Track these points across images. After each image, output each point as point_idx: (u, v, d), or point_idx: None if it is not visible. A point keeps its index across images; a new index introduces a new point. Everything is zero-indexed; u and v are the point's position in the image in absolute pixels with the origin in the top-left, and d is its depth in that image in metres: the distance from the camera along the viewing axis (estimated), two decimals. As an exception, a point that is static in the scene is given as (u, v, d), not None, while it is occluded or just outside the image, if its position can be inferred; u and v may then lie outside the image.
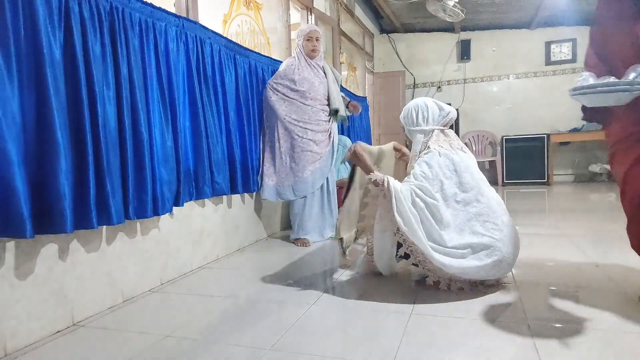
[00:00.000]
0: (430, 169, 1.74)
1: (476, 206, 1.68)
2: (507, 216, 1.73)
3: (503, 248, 1.62)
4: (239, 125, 2.60)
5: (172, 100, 1.99)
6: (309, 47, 2.78)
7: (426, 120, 1.87)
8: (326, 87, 2.82)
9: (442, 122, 1.88)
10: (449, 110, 1.89)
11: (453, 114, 1.90)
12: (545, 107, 6.30)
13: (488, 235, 1.63)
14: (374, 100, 6.48)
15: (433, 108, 1.89)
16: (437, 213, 1.67)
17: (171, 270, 2.06)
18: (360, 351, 1.25)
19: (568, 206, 4.15)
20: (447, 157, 1.76)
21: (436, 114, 1.88)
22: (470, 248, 1.62)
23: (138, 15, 1.80)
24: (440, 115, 1.88)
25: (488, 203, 1.70)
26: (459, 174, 1.73)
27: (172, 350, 1.32)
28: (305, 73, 2.76)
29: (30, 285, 1.39)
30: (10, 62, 1.28)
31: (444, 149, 1.79)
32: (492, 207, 1.69)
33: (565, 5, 5.34)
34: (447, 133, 1.89)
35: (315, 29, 2.83)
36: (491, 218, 1.66)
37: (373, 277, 1.96)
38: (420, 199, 1.67)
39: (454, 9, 4.75)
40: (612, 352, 1.20)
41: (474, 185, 1.72)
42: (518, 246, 1.73)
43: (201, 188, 2.21)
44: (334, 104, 2.82)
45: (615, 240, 2.59)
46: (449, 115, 1.88)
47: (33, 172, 1.36)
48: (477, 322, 1.43)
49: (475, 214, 1.67)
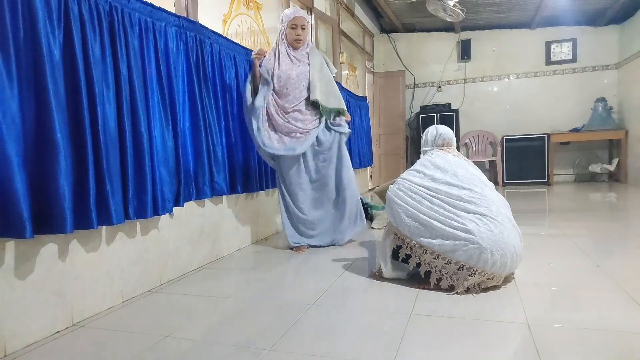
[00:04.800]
0: (416, 169, 1.94)
1: (466, 194, 1.78)
2: (503, 214, 1.78)
3: (483, 232, 1.66)
4: (239, 125, 2.60)
5: (172, 101, 1.99)
6: (293, 36, 2.47)
7: (426, 143, 2.10)
8: (307, 77, 2.49)
9: (437, 143, 2.06)
10: (442, 132, 2.06)
11: (446, 135, 2.05)
12: (546, 107, 6.30)
13: (470, 220, 1.70)
14: (374, 100, 6.48)
15: (432, 132, 2.09)
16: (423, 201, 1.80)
17: (171, 270, 2.06)
18: (360, 351, 1.25)
19: (568, 206, 4.15)
20: (434, 157, 1.95)
21: (433, 136, 2.08)
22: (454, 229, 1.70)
23: (138, 15, 1.80)
24: (435, 137, 2.07)
25: (482, 192, 1.80)
26: (452, 167, 1.88)
27: (172, 351, 1.32)
28: (283, 65, 2.46)
29: (30, 285, 1.39)
30: (9, 63, 1.28)
31: (434, 156, 1.98)
32: (486, 196, 1.79)
33: (566, 5, 5.34)
34: (447, 150, 2.02)
35: (300, 15, 2.49)
36: (480, 209, 1.73)
37: (373, 277, 1.96)
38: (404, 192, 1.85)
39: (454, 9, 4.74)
40: (612, 352, 1.20)
41: (467, 176, 1.84)
42: (512, 244, 1.71)
43: (201, 188, 2.21)
44: (314, 94, 2.47)
45: (615, 240, 2.59)
46: (441, 137, 2.05)
47: (33, 172, 1.36)
48: (477, 322, 1.42)
49: (466, 201, 1.76)
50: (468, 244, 1.65)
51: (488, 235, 1.66)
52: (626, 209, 3.84)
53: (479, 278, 1.67)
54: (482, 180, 1.88)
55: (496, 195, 1.87)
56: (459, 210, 1.74)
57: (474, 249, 1.65)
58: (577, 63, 6.15)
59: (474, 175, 1.87)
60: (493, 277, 1.69)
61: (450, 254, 1.69)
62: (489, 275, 1.68)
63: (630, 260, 2.12)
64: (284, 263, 2.33)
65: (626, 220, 3.27)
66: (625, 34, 5.81)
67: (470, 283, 1.68)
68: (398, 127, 6.55)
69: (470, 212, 1.72)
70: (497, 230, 1.68)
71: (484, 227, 1.68)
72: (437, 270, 1.72)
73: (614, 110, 5.93)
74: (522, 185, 6.11)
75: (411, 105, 6.89)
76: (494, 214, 1.72)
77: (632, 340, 1.26)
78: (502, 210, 1.79)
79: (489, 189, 1.86)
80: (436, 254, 1.71)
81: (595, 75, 6.11)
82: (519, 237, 1.79)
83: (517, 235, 1.78)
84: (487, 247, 1.64)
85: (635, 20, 5.54)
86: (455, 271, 1.69)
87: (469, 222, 1.69)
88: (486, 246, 1.64)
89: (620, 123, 5.87)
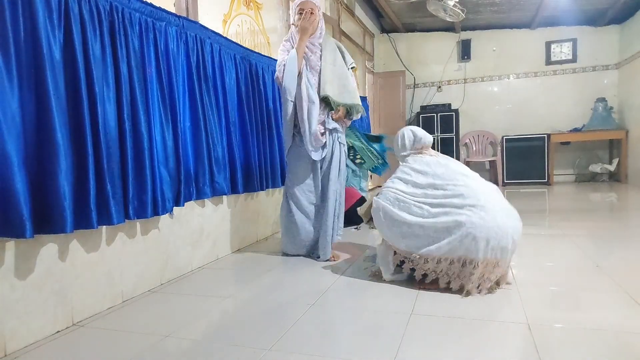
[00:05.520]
0: (398, 177, 1.94)
1: (451, 189, 1.79)
2: (493, 197, 1.79)
3: (475, 221, 1.67)
4: (239, 125, 2.60)
5: (172, 100, 1.99)
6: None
7: (404, 147, 2.07)
8: (318, 71, 2.29)
9: (415, 147, 2.05)
10: (420, 136, 2.04)
11: (424, 139, 2.04)
12: (546, 107, 6.29)
13: (460, 214, 1.71)
14: (374, 100, 6.47)
15: (408, 136, 2.07)
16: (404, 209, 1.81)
17: (171, 270, 2.06)
18: (361, 351, 1.25)
19: (568, 206, 4.15)
20: (414, 164, 1.96)
21: (410, 141, 2.06)
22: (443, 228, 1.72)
23: (138, 15, 1.80)
24: (413, 141, 2.05)
25: (465, 184, 1.80)
26: (432, 168, 1.89)
27: (172, 351, 1.32)
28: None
29: (30, 285, 1.39)
30: (10, 63, 1.28)
31: (413, 162, 1.98)
32: (471, 187, 1.79)
33: (566, 5, 5.34)
34: (424, 152, 2.03)
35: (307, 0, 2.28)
36: (468, 201, 1.73)
37: (373, 277, 1.96)
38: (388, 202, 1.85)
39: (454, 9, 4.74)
40: (612, 352, 1.20)
41: (448, 173, 1.85)
42: (508, 226, 1.71)
43: (201, 188, 2.21)
44: (324, 89, 2.25)
45: (615, 240, 2.59)
46: (420, 141, 2.04)
47: (33, 172, 1.36)
48: (477, 322, 1.42)
49: (452, 196, 1.77)
50: (463, 237, 1.66)
51: (480, 224, 1.66)
52: (626, 209, 3.84)
53: (485, 269, 1.66)
54: (463, 172, 1.88)
55: (482, 183, 1.87)
56: (448, 207, 1.74)
57: (470, 240, 1.65)
58: (577, 63, 6.15)
59: (455, 171, 1.87)
60: (498, 263, 1.67)
61: (449, 254, 1.69)
62: (493, 262, 1.66)
63: (630, 260, 2.12)
64: (284, 263, 2.32)
65: (626, 220, 3.27)
66: (626, 34, 5.81)
67: (477, 277, 1.66)
68: (398, 127, 6.41)
69: (459, 206, 1.73)
70: (490, 217, 1.68)
71: (476, 216, 1.68)
72: (444, 274, 1.72)
73: (614, 110, 5.92)
74: (522, 185, 6.11)
75: (411, 105, 6.89)
76: (483, 202, 1.72)
77: (632, 340, 1.26)
78: (491, 196, 1.79)
79: (472, 179, 1.86)
80: (437, 259, 1.71)
81: (595, 75, 6.11)
82: (515, 218, 1.78)
83: (513, 216, 1.78)
84: (482, 235, 1.65)
85: (635, 20, 5.54)
86: (460, 269, 1.69)
87: (459, 216, 1.69)
88: (480, 234, 1.65)
89: (621, 123, 5.87)
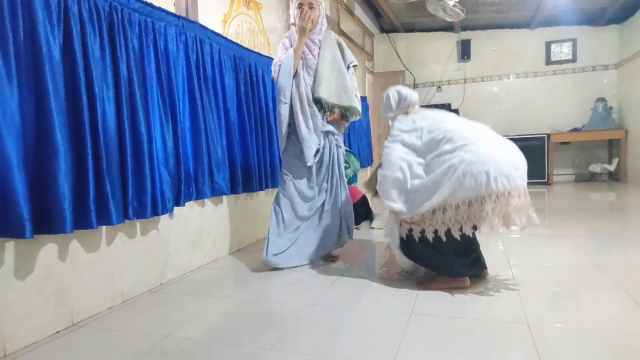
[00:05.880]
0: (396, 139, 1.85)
1: (440, 138, 1.74)
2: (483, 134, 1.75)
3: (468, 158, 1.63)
4: (239, 125, 2.60)
5: (172, 100, 1.99)
6: (300, 17, 2.16)
7: (390, 109, 1.99)
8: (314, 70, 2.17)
9: (401, 107, 1.96)
10: (406, 95, 1.96)
11: (410, 98, 1.95)
12: (546, 107, 6.29)
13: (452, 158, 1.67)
14: (374, 100, 6.47)
15: (394, 96, 1.98)
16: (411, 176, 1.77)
17: (171, 271, 2.06)
18: (360, 351, 1.25)
19: (568, 206, 4.15)
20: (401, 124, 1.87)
21: (396, 101, 1.97)
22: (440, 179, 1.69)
23: (137, 15, 1.80)
24: (399, 102, 1.97)
25: (452, 129, 1.75)
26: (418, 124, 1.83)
27: (172, 351, 1.32)
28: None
29: (30, 286, 1.39)
30: (9, 63, 1.28)
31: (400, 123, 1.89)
32: (458, 129, 1.75)
33: (566, 5, 5.34)
34: (411, 111, 1.94)
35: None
36: (458, 143, 1.69)
37: (373, 278, 1.96)
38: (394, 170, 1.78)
39: (454, 9, 4.74)
40: (612, 352, 1.20)
41: (435, 124, 1.80)
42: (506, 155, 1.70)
43: (201, 188, 2.21)
44: (317, 90, 2.13)
45: (615, 240, 2.59)
46: (406, 100, 1.95)
47: (32, 172, 1.36)
48: (477, 322, 1.42)
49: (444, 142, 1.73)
50: (461, 177, 1.62)
51: (474, 159, 1.62)
52: (626, 208, 3.84)
53: (496, 203, 1.60)
54: (448, 118, 1.85)
55: (470, 123, 1.83)
56: (442, 156, 1.70)
57: (469, 178, 1.61)
58: (577, 63, 6.15)
59: (441, 120, 1.82)
60: (510, 193, 1.62)
61: (452, 199, 1.64)
62: (503, 193, 1.61)
63: (630, 260, 2.12)
64: (284, 263, 2.32)
65: (626, 220, 3.26)
66: (625, 33, 5.81)
67: (490, 212, 1.60)
68: (398, 127, 6.53)
69: (451, 151, 1.69)
70: (483, 150, 1.65)
71: (468, 154, 1.64)
72: (453, 221, 1.65)
73: (614, 110, 5.92)
74: (522, 185, 6.11)
75: (411, 105, 6.88)
76: (473, 139, 1.69)
77: (632, 340, 1.26)
78: (480, 133, 1.76)
79: (459, 122, 1.83)
80: (442, 208, 1.66)
81: (595, 75, 6.11)
82: (511, 146, 1.76)
83: (509, 145, 1.76)
84: (479, 169, 1.61)
85: (635, 20, 5.54)
86: (467, 211, 1.62)
87: (451, 160, 1.66)
88: (477, 169, 1.61)
89: (620, 123, 5.87)
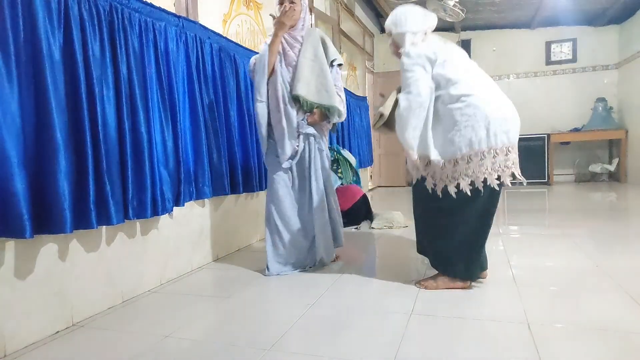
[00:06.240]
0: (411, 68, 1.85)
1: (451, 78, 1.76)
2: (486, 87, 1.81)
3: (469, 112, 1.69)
4: (239, 126, 2.60)
5: (172, 100, 1.99)
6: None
7: (416, 24, 1.90)
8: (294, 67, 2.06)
9: (427, 26, 1.90)
10: (429, 13, 1.91)
11: (433, 19, 1.90)
12: (546, 107, 6.30)
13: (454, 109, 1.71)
14: (374, 100, 6.47)
15: (418, 12, 1.92)
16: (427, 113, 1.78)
17: (171, 271, 2.06)
18: (360, 351, 1.25)
19: (568, 206, 4.15)
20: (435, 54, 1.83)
21: (423, 17, 1.90)
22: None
23: (137, 15, 1.80)
24: (424, 19, 1.90)
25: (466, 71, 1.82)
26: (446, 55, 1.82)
27: (172, 351, 1.32)
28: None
29: (30, 286, 1.39)
30: (9, 63, 1.28)
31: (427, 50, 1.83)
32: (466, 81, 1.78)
33: (566, 5, 5.34)
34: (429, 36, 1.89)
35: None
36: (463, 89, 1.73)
37: (373, 278, 1.96)
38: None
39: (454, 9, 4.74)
40: (612, 352, 1.20)
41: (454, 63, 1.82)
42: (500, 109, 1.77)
43: (201, 188, 2.21)
44: (295, 87, 2.01)
45: (615, 241, 2.59)
46: (431, 20, 1.89)
47: (32, 172, 1.36)
48: (477, 322, 1.42)
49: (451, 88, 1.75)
50: (462, 130, 1.68)
51: (475, 113, 1.68)
52: (626, 208, 3.84)
53: (495, 158, 1.66)
54: (462, 56, 1.91)
55: (478, 70, 1.91)
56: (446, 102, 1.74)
57: (470, 132, 1.66)
58: (577, 63, 6.15)
59: (459, 57, 1.88)
60: (509, 149, 1.72)
61: (452, 155, 1.68)
62: (499, 149, 1.68)
63: (630, 260, 2.12)
64: (284, 263, 2.32)
65: (626, 220, 3.26)
66: (625, 34, 5.81)
67: (490, 167, 1.65)
68: (398, 127, 6.52)
69: (454, 100, 1.72)
70: (485, 103, 1.71)
71: (470, 108, 1.69)
72: (450, 178, 1.70)
73: (614, 110, 5.93)
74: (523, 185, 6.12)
75: (411, 105, 6.88)
76: (476, 91, 1.74)
77: (633, 340, 1.26)
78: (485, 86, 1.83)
79: (470, 66, 1.88)
80: (442, 163, 1.71)
81: (595, 75, 6.11)
82: (510, 104, 1.84)
83: (509, 102, 1.84)
84: (480, 125, 1.67)
85: (635, 20, 5.54)
86: (466, 166, 1.66)
87: (454, 112, 1.70)
88: (478, 124, 1.67)
89: (620, 123, 5.87)
